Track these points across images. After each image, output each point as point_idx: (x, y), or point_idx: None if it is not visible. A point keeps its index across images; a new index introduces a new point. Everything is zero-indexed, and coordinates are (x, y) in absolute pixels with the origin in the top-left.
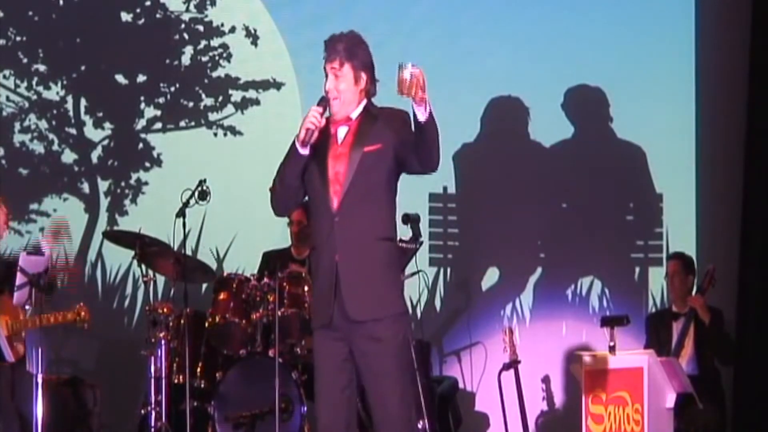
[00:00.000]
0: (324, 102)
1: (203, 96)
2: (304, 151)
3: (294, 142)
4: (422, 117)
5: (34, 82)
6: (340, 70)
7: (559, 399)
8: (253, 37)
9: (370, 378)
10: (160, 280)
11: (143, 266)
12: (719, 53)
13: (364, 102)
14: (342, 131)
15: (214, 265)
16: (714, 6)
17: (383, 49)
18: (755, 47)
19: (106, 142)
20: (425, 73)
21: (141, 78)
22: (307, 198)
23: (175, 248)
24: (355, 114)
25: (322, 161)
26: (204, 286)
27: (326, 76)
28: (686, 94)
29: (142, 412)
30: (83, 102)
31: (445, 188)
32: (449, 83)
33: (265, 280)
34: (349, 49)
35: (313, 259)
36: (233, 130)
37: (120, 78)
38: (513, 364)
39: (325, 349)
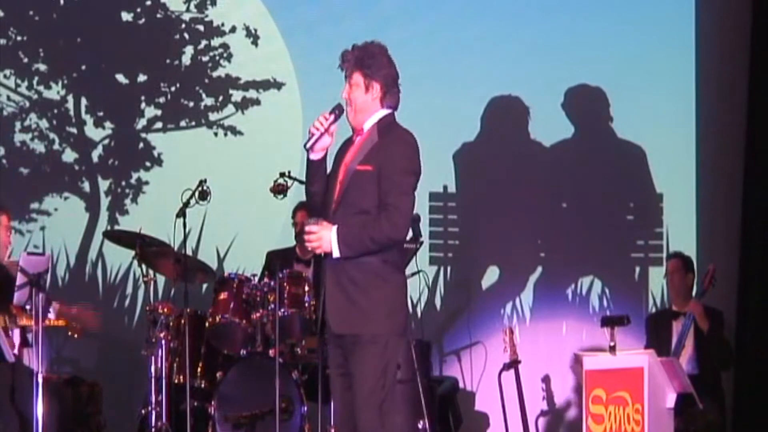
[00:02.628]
0: (338, 109)
1: (203, 96)
2: (313, 156)
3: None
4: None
5: (34, 82)
6: (351, 78)
7: (559, 399)
8: (253, 37)
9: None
10: (161, 280)
11: (143, 266)
12: (719, 54)
13: (381, 113)
14: (358, 141)
15: (214, 265)
16: (714, 6)
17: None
18: (755, 48)
19: (106, 142)
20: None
21: (141, 77)
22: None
23: (176, 248)
24: (367, 125)
25: (337, 169)
26: (204, 286)
27: None
28: (686, 94)
29: (143, 412)
30: (84, 101)
31: (445, 187)
32: (449, 82)
33: (266, 280)
34: (359, 57)
35: None
36: (233, 130)
37: (120, 77)
38: (513, 363)
39: (331, 352)
